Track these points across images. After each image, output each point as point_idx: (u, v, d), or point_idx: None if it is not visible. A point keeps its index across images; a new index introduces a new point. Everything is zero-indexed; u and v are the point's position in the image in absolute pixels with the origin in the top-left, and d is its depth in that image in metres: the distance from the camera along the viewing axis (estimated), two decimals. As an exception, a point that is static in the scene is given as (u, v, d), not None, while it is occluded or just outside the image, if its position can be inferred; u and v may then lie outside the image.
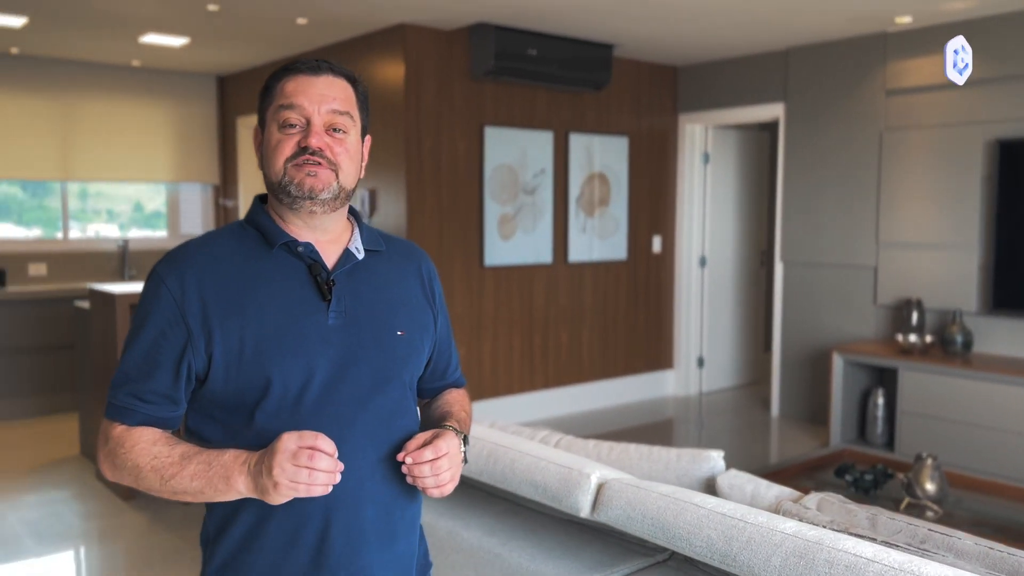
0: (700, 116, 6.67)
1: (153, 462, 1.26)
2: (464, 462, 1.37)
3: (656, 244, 6.77)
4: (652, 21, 5.18)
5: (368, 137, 1.43)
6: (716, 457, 2.15)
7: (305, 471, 1.16)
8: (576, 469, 1.96)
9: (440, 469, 1.28)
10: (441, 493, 1.30)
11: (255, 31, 5.53)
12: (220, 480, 1.22)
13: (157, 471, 1.25)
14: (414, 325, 1.42)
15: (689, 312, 6.89)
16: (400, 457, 1.29)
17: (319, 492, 1.19)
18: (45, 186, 6.78)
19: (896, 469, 3.99)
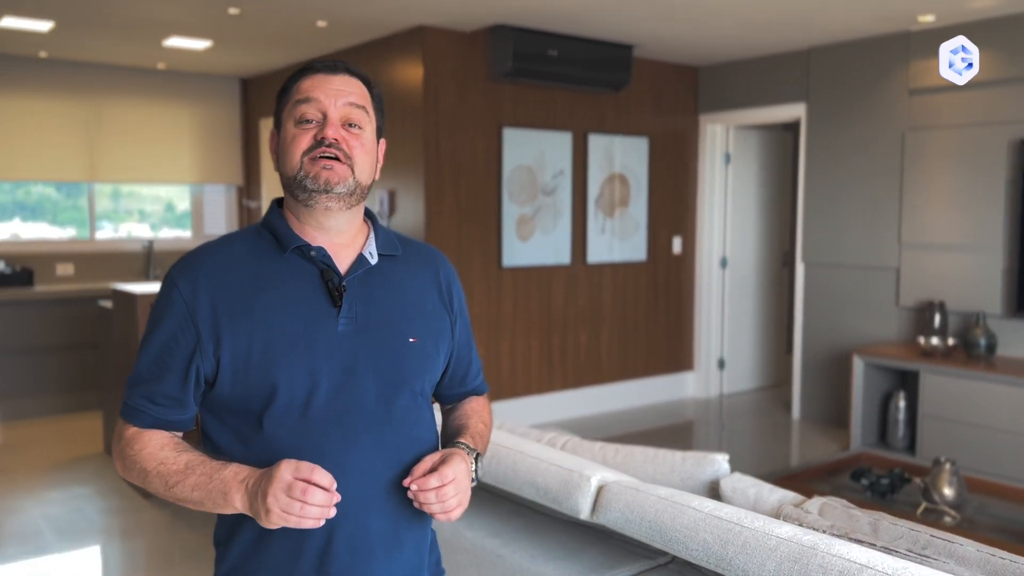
0: (721, 116, 6.62)
1: (159, 467, 1.27)
2: (474, 482, 1.34)
3: (676, 245, 6.74)
4: (672, 21, 5.16)
5: (383, 140, 1.42)
6: (720, 460, 2.13)
7: (298, 504, 1.15)
8: (577, 471, 1.96)
9: (446, 496, 1.25)
10: (448, 519, 1.28)
11: (275, 34, 5.58)
12: (219, 495, 1.22)
13: (162, 477, 1.26)
14: (428, 332, 1.39)
15: (710, 313, 6.85)
16: (406, 483, 1.27)
17: (310, 525, 1.17)
18: (79, 187, 6.89)
19: (916, 473, 3.94)
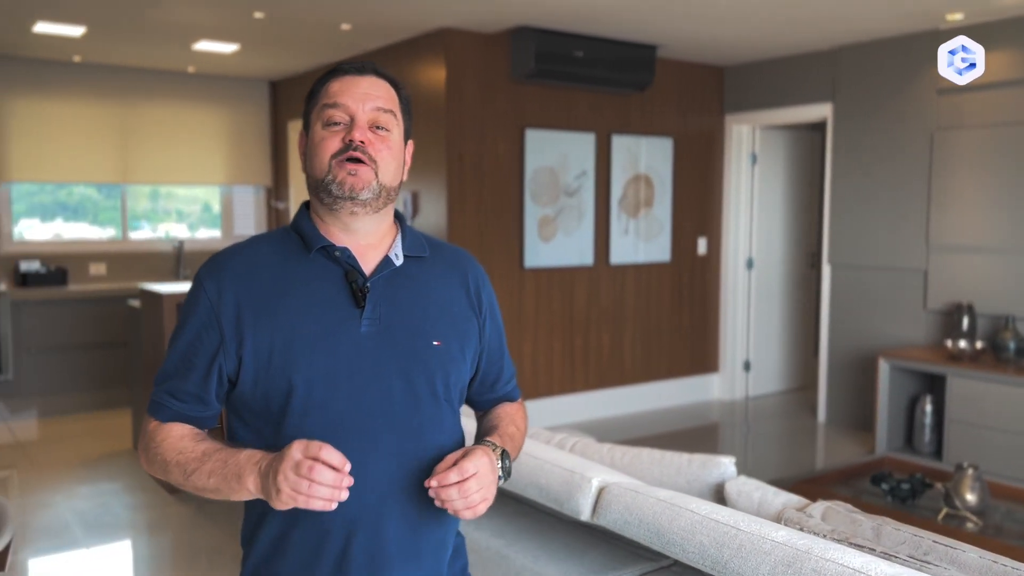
0: (747, 116, 6.57)
1: (178, 457, 1.29)
2: (502, 478, 1.32)
3: (702, 246, 6.70)
4: (697, 21, 5.13)
5: (411, 142, 1.42)
6: (727, 463, 2.13)
7: (306, 483, 1.13)
8: (578, 473, 1.97)
9: (468, 491, 1.22)
10: (473, 514, 1.24)
11: (300, 37, 5.65)
12: (233, 478, 1.22)
13: (180, 466, 1.28)
14: (453, 334, 1.37)
15: (735, 315, 6.80)
16: (427, 483, 1.23)
17: (319, 506, 1.14)
18: (118, 187, 7.04)
19: (941, 479, 3.88)
